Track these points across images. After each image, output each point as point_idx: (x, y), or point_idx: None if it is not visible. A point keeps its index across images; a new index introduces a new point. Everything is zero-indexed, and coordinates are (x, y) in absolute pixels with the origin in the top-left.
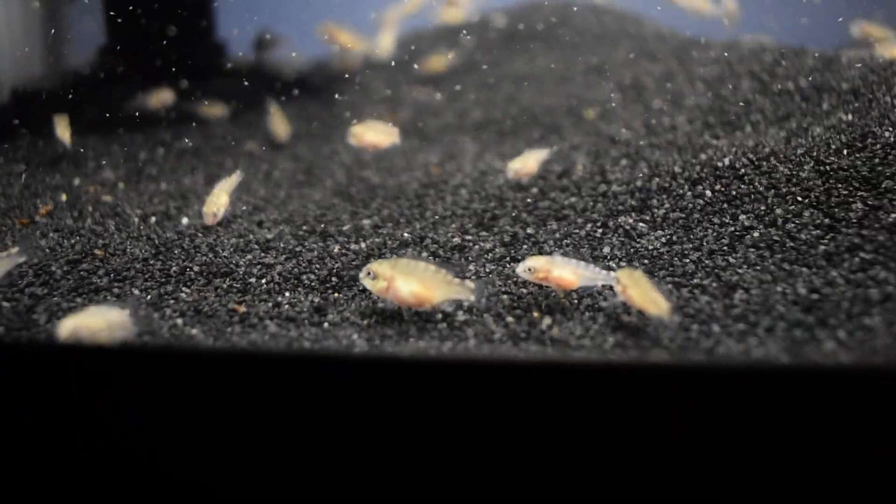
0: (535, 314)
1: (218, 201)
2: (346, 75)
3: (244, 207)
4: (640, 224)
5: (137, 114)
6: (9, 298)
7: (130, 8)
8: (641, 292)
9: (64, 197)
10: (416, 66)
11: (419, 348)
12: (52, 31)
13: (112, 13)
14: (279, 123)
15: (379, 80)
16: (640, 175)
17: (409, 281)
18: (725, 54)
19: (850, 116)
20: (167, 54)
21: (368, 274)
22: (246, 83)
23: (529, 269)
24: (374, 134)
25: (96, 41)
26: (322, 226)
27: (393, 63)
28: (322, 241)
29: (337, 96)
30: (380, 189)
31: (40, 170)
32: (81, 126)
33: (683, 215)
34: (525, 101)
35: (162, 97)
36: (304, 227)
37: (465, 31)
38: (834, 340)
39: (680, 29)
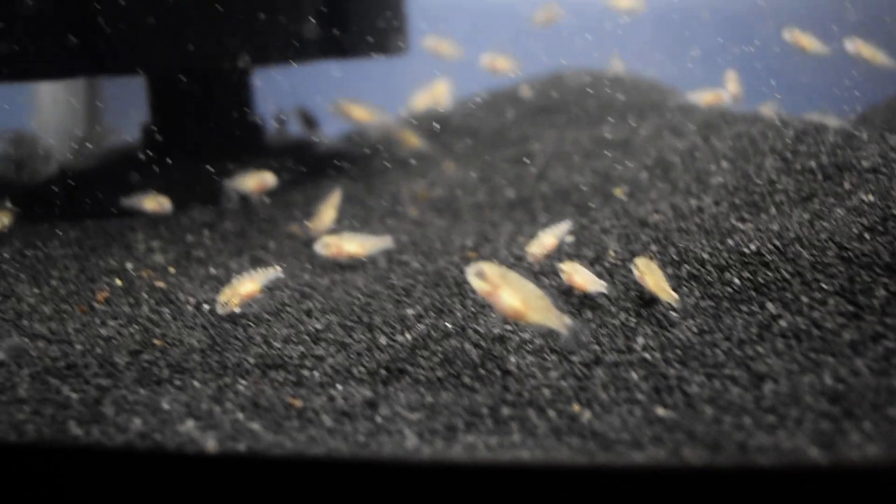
0: (576, 407)
1: (237, 291)
2: (382, 153)
3: (292, 294)
4: (672, 313)
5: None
6: (76, 389)
7: (172, 88)
8: (655, 280)
9: (118, 282)
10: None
11: (469, 446)
12: (98, 108)
13: (155, 93)
14: (329, 209)
15: (413, 156)
16: (670, 261)
17: (513, 294)
18: (749, 129)
19: (871, 197)
20: (207, 133)
21: (478, 273)
22: (288, 163)
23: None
24: (356, 245)
25: (138, 120)
26: (368, 316)
27: (424, 142)
28: (369, 332)
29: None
30: (420, 275)
31: (94, 253)
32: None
33: (713, 304)
34: (554, 178)
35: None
36: (352, 318)
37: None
38: (860, 432)
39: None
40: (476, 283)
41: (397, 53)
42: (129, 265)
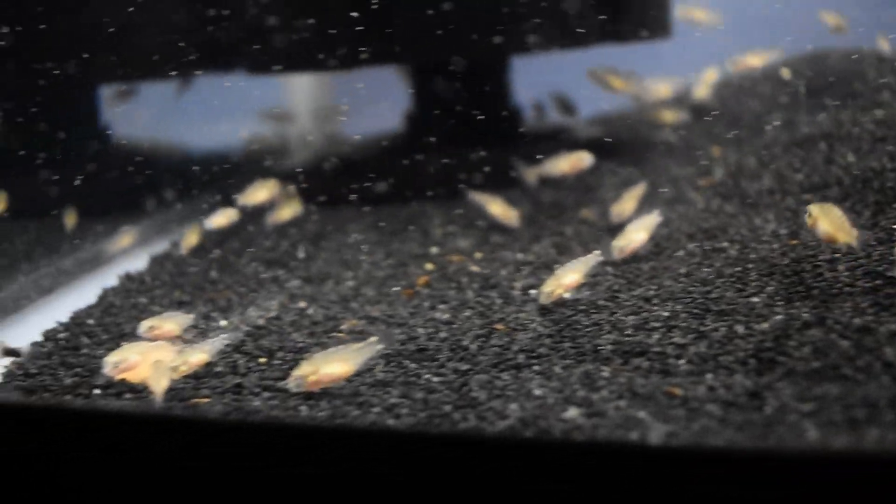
0: None
1: (559, 282)
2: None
3: (616, 281)
4: None
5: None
6: (435, 373)
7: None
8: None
9: (430, 266)
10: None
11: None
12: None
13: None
14: (631, 200)
15: (676, 141)
16: None
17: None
18: None
19: None
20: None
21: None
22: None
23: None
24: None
25: (401, 109)
26: (713, 304)
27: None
28: (722, 320)
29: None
30: (746, 262)
31: (394, 237)
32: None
33: None
34: (844, 163)
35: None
36: (696, 306)
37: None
38: None
39: None
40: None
41: (664, 36)
42: (433, 250)
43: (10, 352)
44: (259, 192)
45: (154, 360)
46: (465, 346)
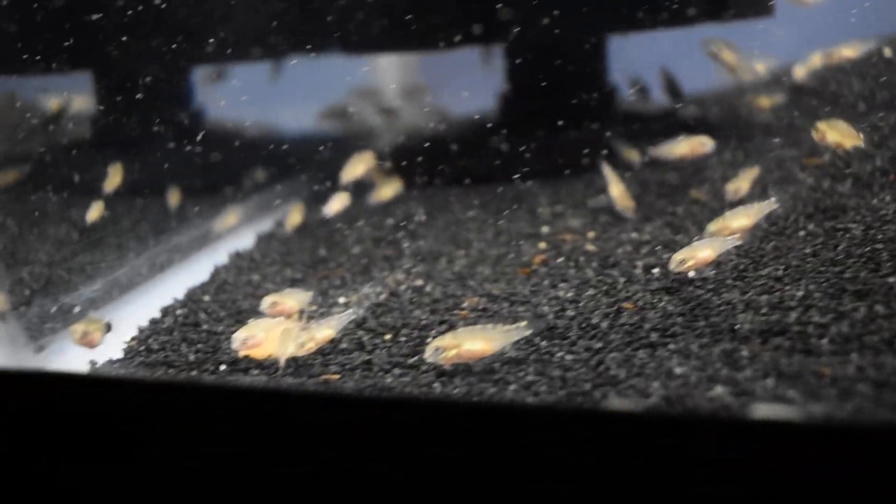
0: None
1: (694, 254)
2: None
3: (741, 260)
4: None
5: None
6: (568, 351)
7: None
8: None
9: (542, 245)
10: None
11: None
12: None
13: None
14: (745, 181)
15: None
16: None
17: None
18: None
19: None
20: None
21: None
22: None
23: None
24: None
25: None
26: (849, 284)
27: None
28: (860, 301)
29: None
30: (876, 243)
31: (500, 216)
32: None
33: None
34: None
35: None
36: (831, 285)
37: None
38: None
39: None
40: None
41: (767, 14)
42: (544, 229)
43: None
44: (357, 167)
45: (281, 331)
46: (595, 324)
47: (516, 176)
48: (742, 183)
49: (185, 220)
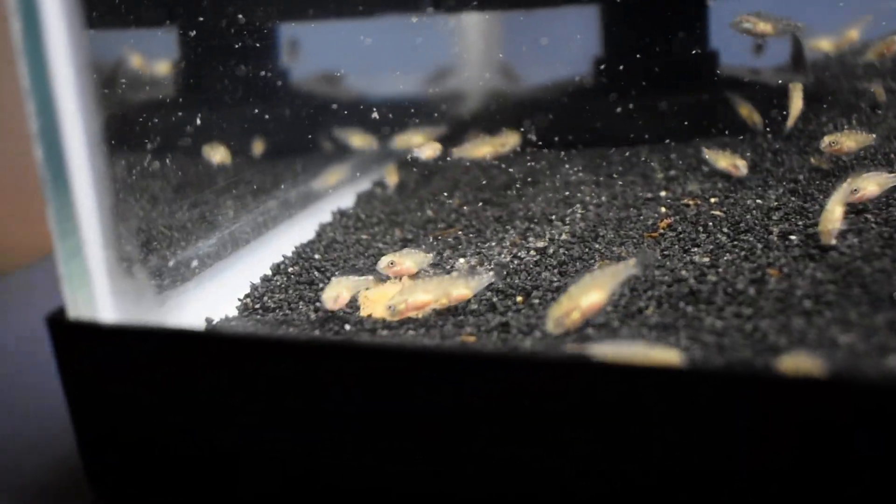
0: None
1: (832, 217)
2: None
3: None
4: None
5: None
6: (718, 317)
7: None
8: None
9: (663, 209)
10: None
11: None
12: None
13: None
14: (852, 140)
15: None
16: None
17: None
18: None
19: None
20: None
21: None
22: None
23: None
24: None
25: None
26: None
27: None
28: None
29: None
30: None
31: (614, 180)
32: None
33: None
34: None
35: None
36: None
37: None
38: None
39: None
40: None
41: None
42: (662, 194)
43: None
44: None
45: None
46: (741, 289)
47: (624, 140)
48: (847, 141)
49: (292, 178)
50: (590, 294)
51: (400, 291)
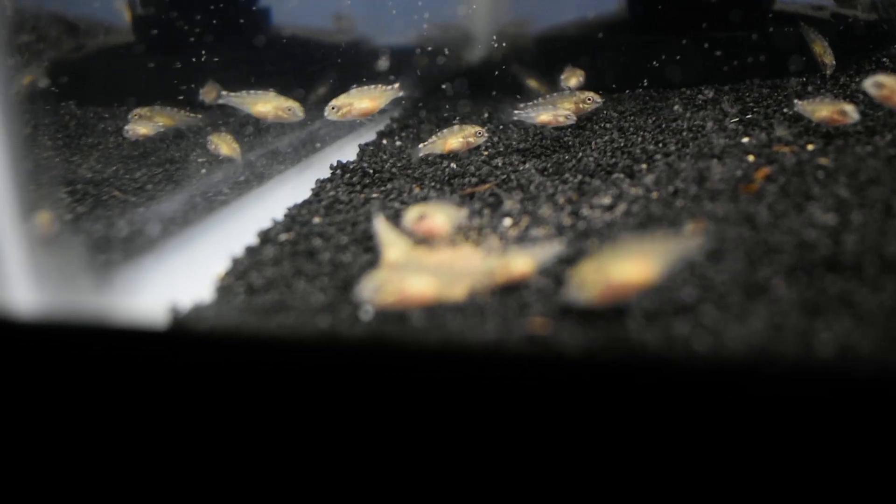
0: None
1: None
2: None
3: None
4: None
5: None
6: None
7: None
8: None
9: (752, 157)
10: None
11: None
12: None
13: None
14: None
15: None
16: None
17: None
18: None
19: None
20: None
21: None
22: None
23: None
24: None
25: None
26: None
27: None
28: None
29: None
30: None
31: (677, 127)
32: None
33: None
34: None
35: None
36: None
37: None
38: None
39: None
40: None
41: None
42: (745, 140)
43: None
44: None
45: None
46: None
47: (679, 83)
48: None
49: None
50: (628, 266)
51: (439, 268)
